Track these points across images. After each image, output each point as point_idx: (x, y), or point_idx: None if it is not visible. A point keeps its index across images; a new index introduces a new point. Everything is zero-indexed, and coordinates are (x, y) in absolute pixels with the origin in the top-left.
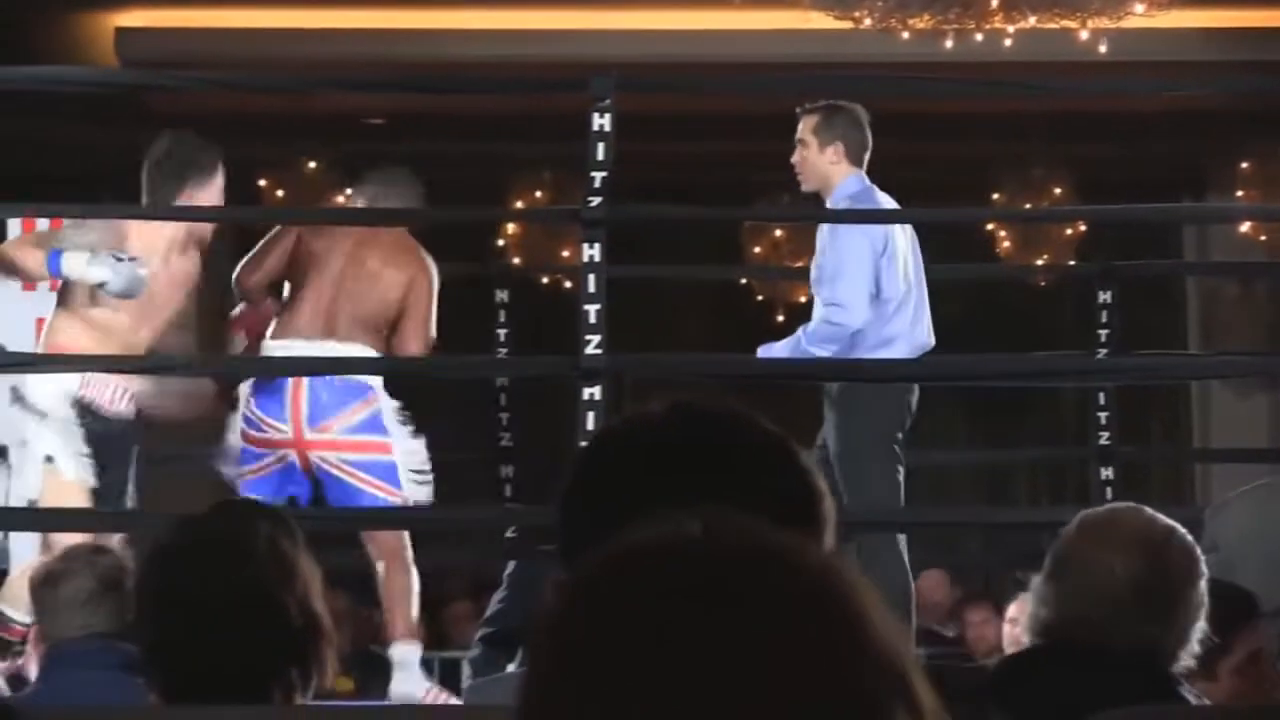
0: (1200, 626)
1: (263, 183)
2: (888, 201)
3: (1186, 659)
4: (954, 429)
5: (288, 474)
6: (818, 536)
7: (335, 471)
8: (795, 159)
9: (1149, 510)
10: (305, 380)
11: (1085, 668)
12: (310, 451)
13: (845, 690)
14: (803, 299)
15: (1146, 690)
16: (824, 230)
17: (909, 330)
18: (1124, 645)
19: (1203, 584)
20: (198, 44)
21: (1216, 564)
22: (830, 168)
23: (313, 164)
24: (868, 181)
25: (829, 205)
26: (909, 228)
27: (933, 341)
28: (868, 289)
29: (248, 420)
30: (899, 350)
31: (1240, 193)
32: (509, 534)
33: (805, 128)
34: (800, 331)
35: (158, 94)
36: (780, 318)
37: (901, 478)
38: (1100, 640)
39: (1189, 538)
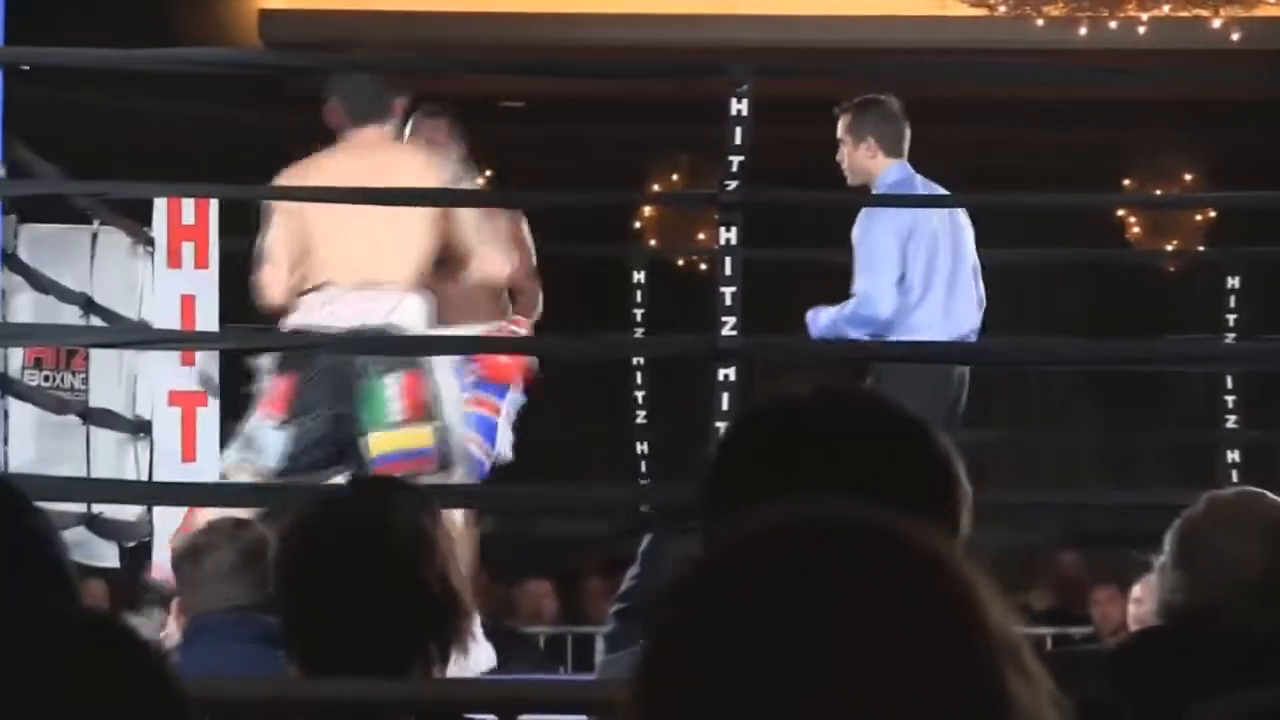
0: None
1: None
2: (933, 189)
3: None
4: (1083, 412)
5: None
6: (954, 520)
7: None
8: (839, 157)
9: (1272, 495)
10: None
11: (1212, 650)
12: None
13: (956, 675)
14: None
15: (1266, 675)
16: (858, 221)
17: (940, 317)
18: (1253, 630)
19: None
20: (338, 27)
21: None
22: (869, 162)
23: None
24: (909, 170)
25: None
26: (947, 215)
27: (976, 325)
28: (893, 280)
29: None
30: (926, 336)
31: None
32: (643, 510)
33: (840, 127)
34: (838, 310)
35: (299, 75)
36: None
37: None
38: (1229, 625)
39: None
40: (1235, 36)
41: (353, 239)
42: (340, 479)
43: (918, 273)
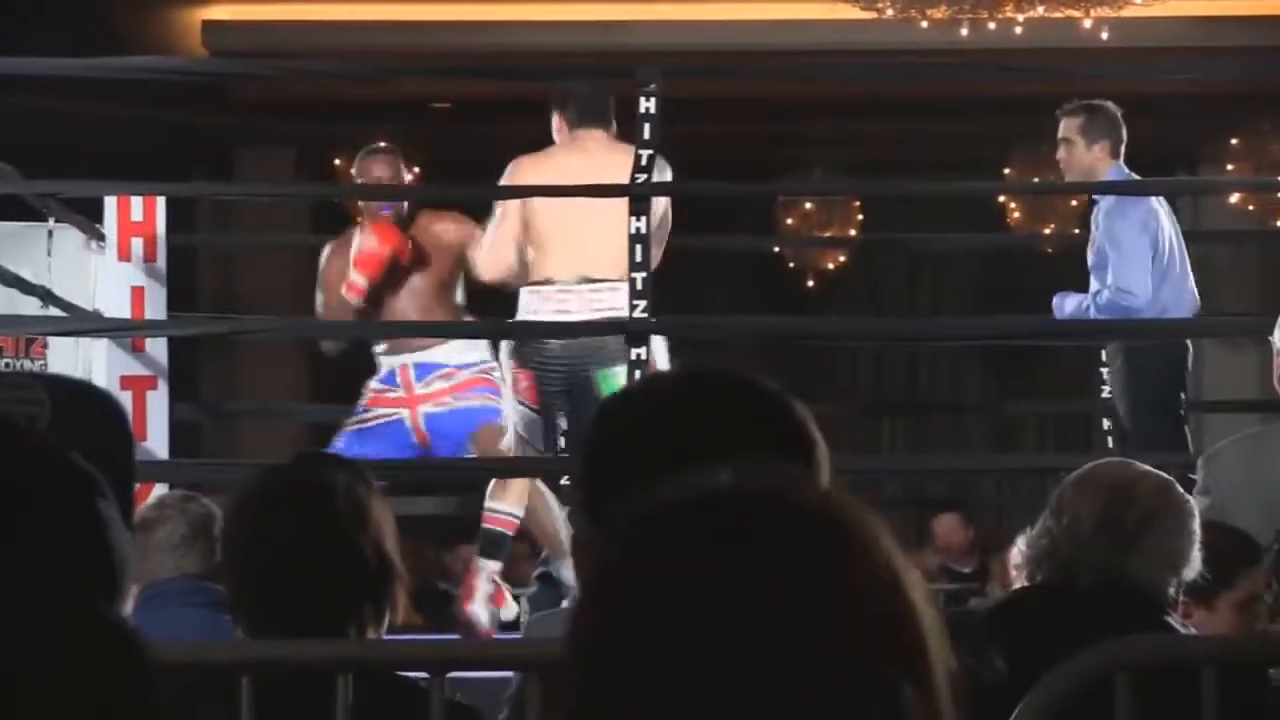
0: (1191, 561)
1: (338, 162)
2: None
3: (1171, 591)
4: (971, 383)
5: None
6: (814, 478)
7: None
8: (1060, 155)
9: (1132, 461)
10: None
11: (1070, 605)
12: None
13: (859, 611)
14: (830, 266)
15: (1132, 621)
16: (1097, 216)
17: (1183, 297)
18: (1088, 578)
19: (1179, 520)
20: (277, 36)
21: (1210, 509)
22: (1095, 163)
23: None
24: (1127, 171)
25: (1093, 196)
26: (1166, 203)
27: (1198, 303)
28: (1146, 269)
29: None
30: (1176, 314)
31: (1231, 166)
32: (563, 482)
33: (1068, 127)
34: (1090, 299)
35: (242, 82)
36: (810, 283)
37: (1186, 432)
38: (1066, 575)
39: (1163, 480)
40: (1104, 35)
41: (575, 236)
42: None
43: (1162, 258)
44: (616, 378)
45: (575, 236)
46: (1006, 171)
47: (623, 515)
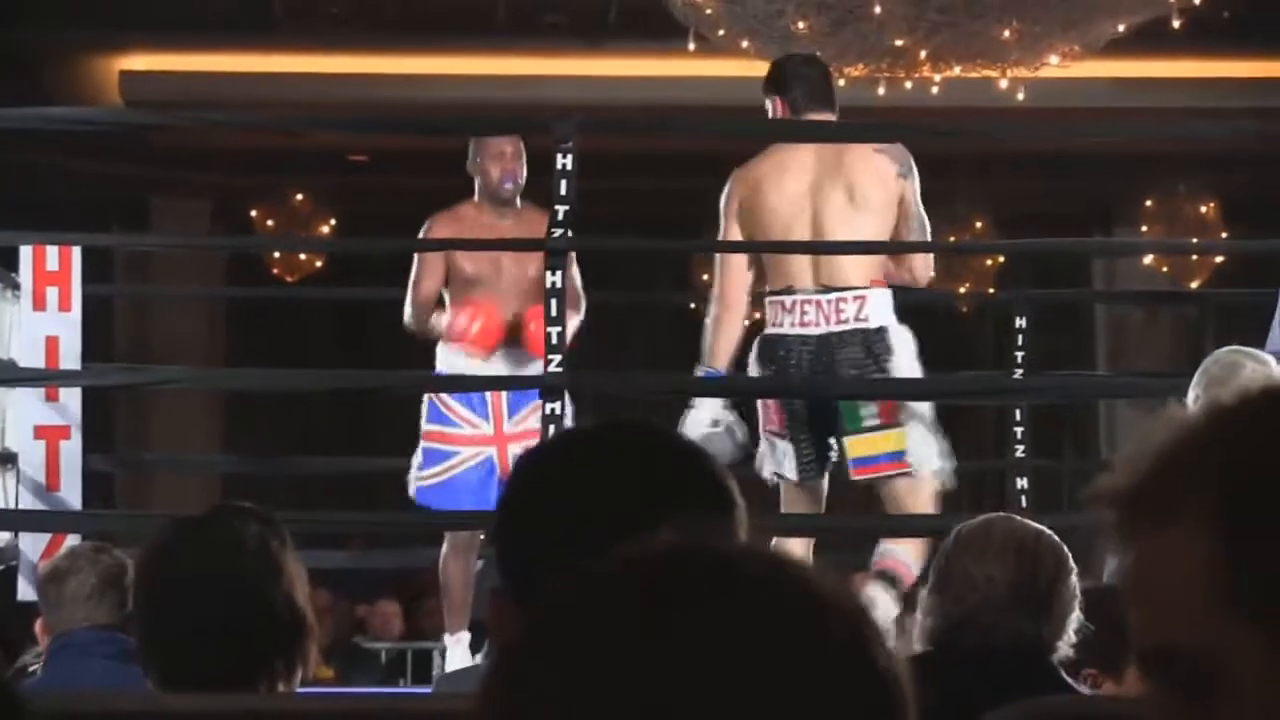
0: (1076, 618)
1: (254, 213)
2: None
3: (1065, 649)
4: None
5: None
6: (735, 536)
7: None
8: None
9: (1018, 518)
10: None
11: (971, 669)
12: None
13: (824, 678)
14: (746, 322)
15: (1033, 684)
16: None
17: None
18: (1005, 644)
19: (1073, 579)
20: (194, 86)
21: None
22: None
23: (299, 196)
24: None
25: None
26: None
27: None
28: None
29: None
30: None
31: (1144, 228)
32: (481, 535)
33: None
34: None
35: (159, 131)
36: None
37: None
38: (983, 641)
39: (1055, 538)
40: (1020, 96)
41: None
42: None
43: None
44: (861, 408)
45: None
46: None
47: (560, 580)
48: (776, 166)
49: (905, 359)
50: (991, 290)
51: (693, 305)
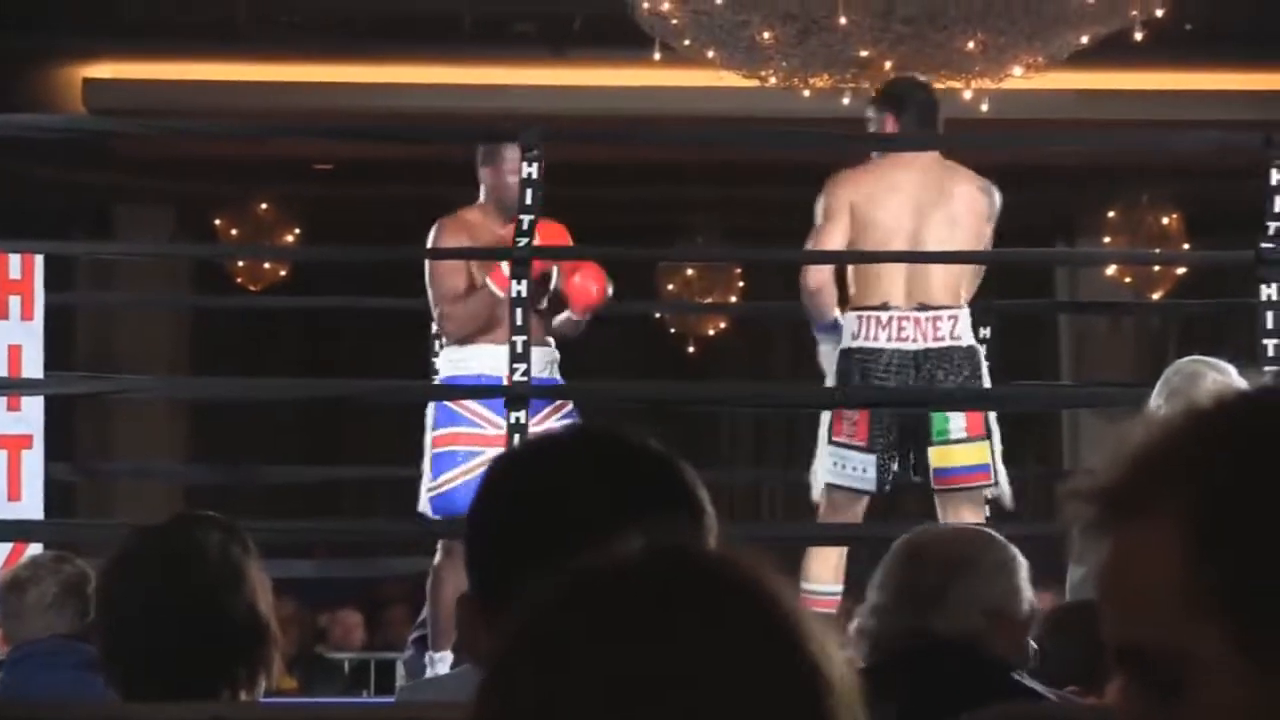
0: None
1: (218, 221)
2: None
3: (1006, 649)
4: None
5: None
6: (704, 544)
7: None
8: None
9: (958, 525)
10: None
11: (920, 674)
12: None
13: (791, 687)
14: (711, 332)
15: (989, 690)
16: None
17: None
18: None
19: (1017, 582)
20: (158, 95)
21: (1084, 579)
22: None
23: (263, 205)
24: None
25: None
26: None
27: None
28: None
29: None
30: None
31: (1107, 239)
32: (440, 544)
33: None
34: None
35: (123, 139)
36: (691, 349)
37: None
38: (931, 646)
39: (1001, 542)
40: (984, 107)
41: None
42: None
43: None
44: (949, 419)
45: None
46: None
47: (541, 586)
48: (886, 183)
49: (986, 376)
50: None
51: (658, 315)
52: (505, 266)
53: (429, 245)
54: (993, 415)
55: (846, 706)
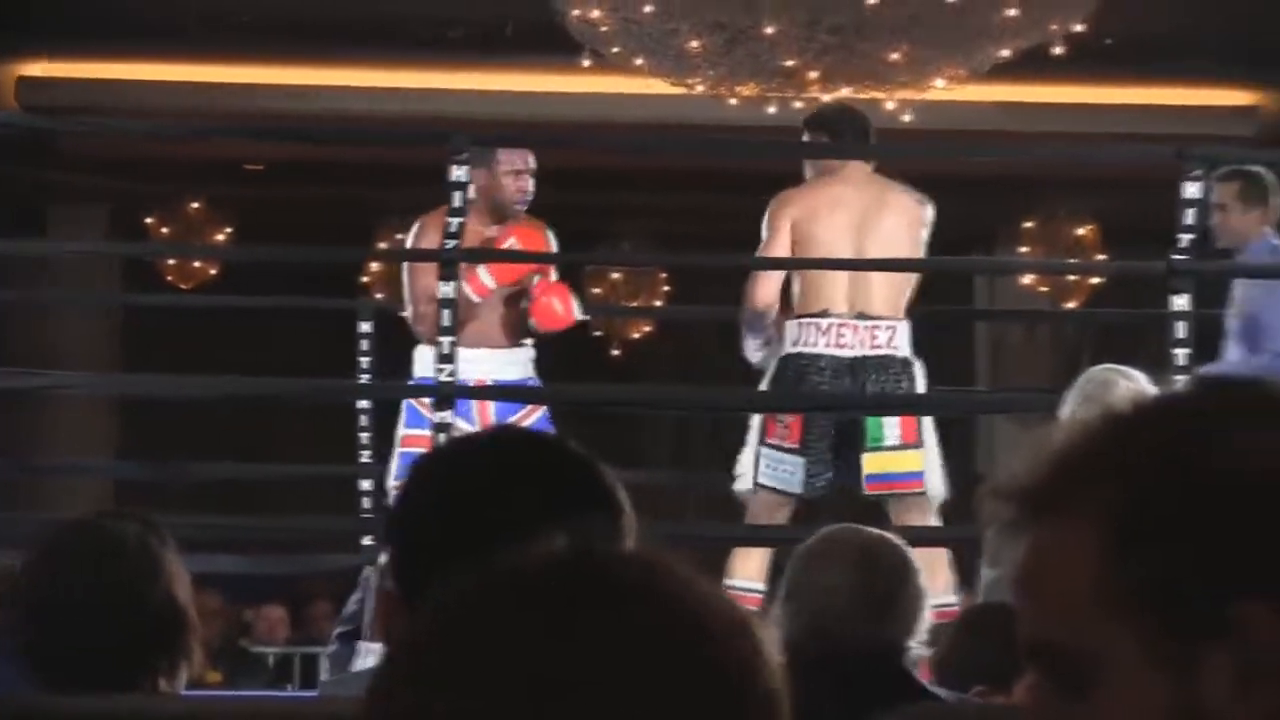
0: (926, 619)
1: (150, 220)
2: None
3: (917, 651)
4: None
5: None
6: (621, 544)
7: None
8: (1214, 221)
9: (862, 528)
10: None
11: (823, 677)
12: None
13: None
14: (636, 335)
15: (886, 688)
16: (1243, 286)
17: None
18: (854, 650)
19: (918, 582)
20: (91, 93)
21: (998, 581)
22: (1251, 229)
23: (195, 204)
24: (1272, 237)
25: (1243, 259)
26: None
27: None
28: None
29: None
30: None
31: (1025, 249)
32: (365, 540)
33: (1224, 192)
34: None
35: (56, 138)
36: (616, 351)
37: None
38: (832, 649)
39: (897, 543)
40: (907, 118)
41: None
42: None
43: None
44: (884, 426)
45: (852, 272)
46: None
47: (452, 584)
48: (830, 199)
49: (922, 388)
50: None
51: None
52: (483, 272)
53: (409, 243)
54: (927, 424)
55: (759, 705)
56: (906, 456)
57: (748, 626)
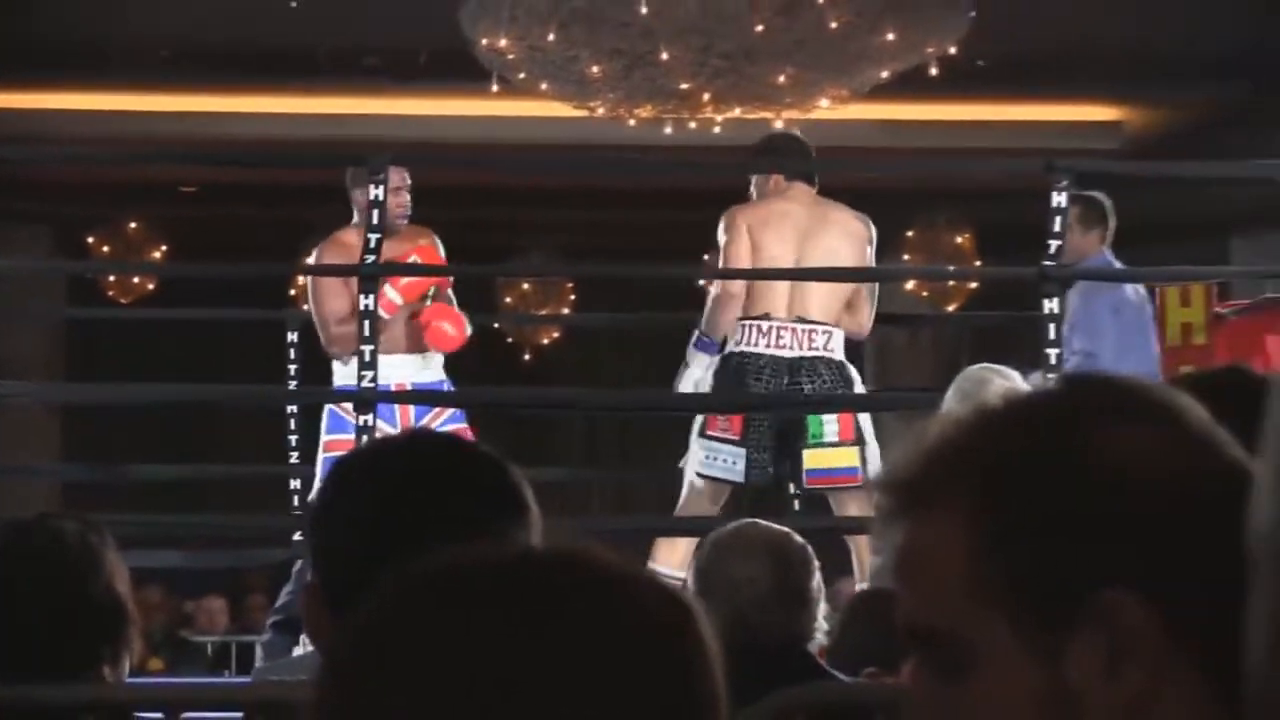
0: (823, 609)
1: (90, 239)
2: (1119, 265)
3: (819, 638)
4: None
5: None
6: (528, 537)
7: None
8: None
9: (764, 522)
10: None
11: (740, 666)
12: None
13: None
14: (545, 341)
15: (795, 674)
16: (1078, 294)
17: (1136, 360)
18: (771, 639)
19: (818, 575)
20: (28, 122)
21: (884, 568)
22: (1090, 248)
23: (134, 224)
24: (1109, 255)
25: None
26: (1141, 287)
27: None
28: (1110, 343)
29: None
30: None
31: (906, 256)
32: (296, 536)
33: (1070, 216)
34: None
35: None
36: (527, 357)
37: None
38: (752, 638)
39: (801, 539)
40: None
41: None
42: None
43: (1128, 333)
44: (823, 424)
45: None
46: (705, 257)
47: (389, 583)
48: (779, 213)
49: (860, 389)
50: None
51: (496, 325)
52: (390, 289)
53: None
54: (866, 421)
55: (708, 691)
56: (844, 453)
57: (691, 612)
